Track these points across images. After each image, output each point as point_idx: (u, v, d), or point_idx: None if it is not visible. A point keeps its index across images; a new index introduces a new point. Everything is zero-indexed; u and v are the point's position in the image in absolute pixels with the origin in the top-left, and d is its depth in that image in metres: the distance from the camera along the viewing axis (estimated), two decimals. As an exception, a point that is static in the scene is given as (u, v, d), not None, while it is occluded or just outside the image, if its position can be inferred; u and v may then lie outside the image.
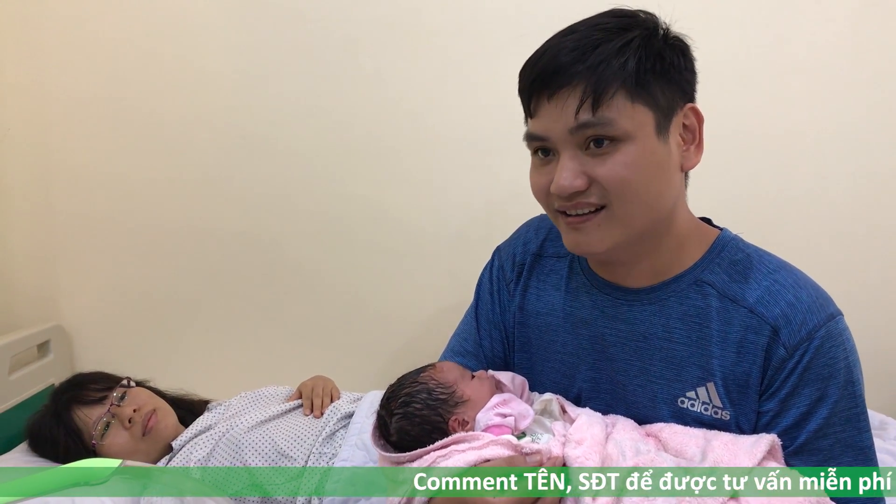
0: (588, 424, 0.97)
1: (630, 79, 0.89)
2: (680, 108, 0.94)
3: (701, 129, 0.96)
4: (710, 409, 0.98)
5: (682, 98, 0.94)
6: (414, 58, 1.85)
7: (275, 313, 1.98)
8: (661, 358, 1.01)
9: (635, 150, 0.90)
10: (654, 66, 0.90)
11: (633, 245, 0.97)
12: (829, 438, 0.94)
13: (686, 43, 0.96)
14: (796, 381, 0.94)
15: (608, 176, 0.91)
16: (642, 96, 0.90)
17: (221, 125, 1.91)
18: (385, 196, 1.90)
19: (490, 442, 0.94)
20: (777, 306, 0.95)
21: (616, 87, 0.89)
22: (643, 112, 0.90)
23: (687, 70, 0.95)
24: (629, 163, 0.90)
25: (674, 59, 0.92)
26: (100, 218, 1.98)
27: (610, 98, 0.89)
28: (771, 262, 1.00)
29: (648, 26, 0.93)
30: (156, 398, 1.61)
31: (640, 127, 0.90)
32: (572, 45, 0.90)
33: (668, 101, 0.92)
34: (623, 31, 0.91)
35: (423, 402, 1.01)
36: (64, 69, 1.92)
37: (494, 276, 1.20)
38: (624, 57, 0.89)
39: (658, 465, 0.91)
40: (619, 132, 0.90)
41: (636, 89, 0.90)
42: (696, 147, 0.96)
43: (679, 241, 1.00)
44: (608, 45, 0.89)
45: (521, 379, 1.10)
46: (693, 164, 0.97)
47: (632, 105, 0.90)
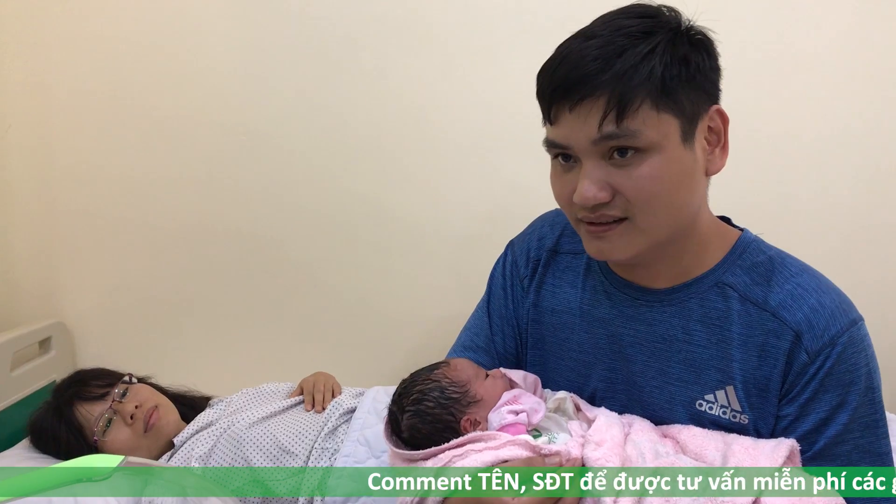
0: (607, 426, 0.95)
1: (656, 87, 0.85)
2: (705, 111, 0.91)
3: (726, 131, 0.93)
4: (728, 412, 0.97)
5: (707, 100, 0.91)
6: (416, 55, 1.84)
7: (276, 310, 1.98)
8: (679, 360, 0.99)
9: (660, 161, 0.88)
10: (679, 72, 0.87)
11: (655, 250, 0.96)
12: (848, 444, 0.93)
13: (710, 39, 0.92)
14: (817, 387, 0.93)
15: (633, 188, 0.89)
16: (668, 104, 0.87)
17: (224, 123, 1.91)
18: (387, 193, 1.90)
19: (507, 442, 0.92)
20: (800, 311, 0.94)
21: (642, 97, 0.85)
22: (669, 121, 0.87)
23: (711, 70, 0.91)
24: (654, 175, 0.88)
25: (699, 61, 0.89)
26: (102, 215, 1.98)
27: (635, 109, 0.85)
28: (794, 266, 0.99)
29: (672, 26, 0.89)
30: (157, 395, 1.61)
31: (665, 136, 0.87)
32: (595, 53, 0.86)
33: (693, 106, 0.89)
34: (647, 35, 0.87)
35: (436, 401, 0.99)
36: (66, 66, 1.92)
37: (508, 271, 1.17)
38: (650, 65, 0.85)
39: (678, 468, 0.90)
40: (644, 143, 0.87)
41: (662, 98, 0.86)
42: (721, 149, 0.93)
43: (701, 242, 0.99)
44: (633, 52, 0.85)
45: (533, 377, 1.08)
46: (719, 167, 0.94)
47: (657, 114, 0.86)
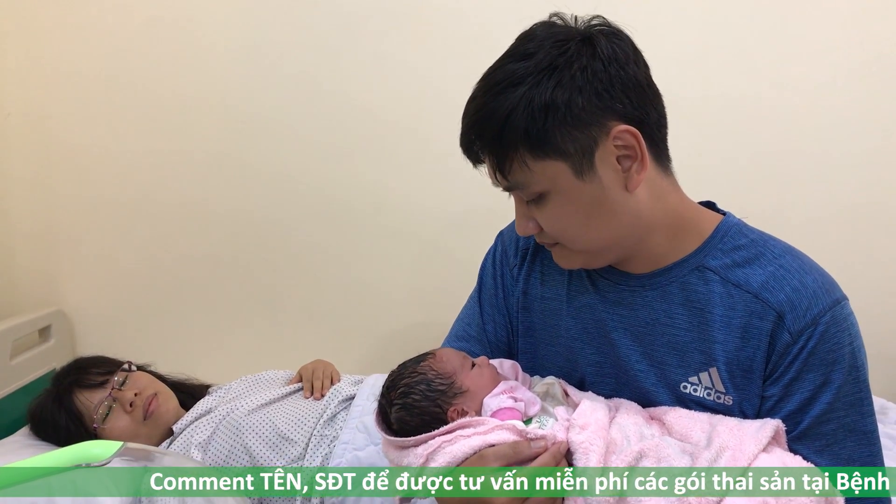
0: (592, 409, 0.96)
1: (526, 140, 0.89)
2: (603, 138, 0.89)
3: (641, 145, 0.90)
4: (712, 393, 0.98)
5: (602, 127, 0.89)
6: (416, 40, 1.84)
7: (276, 297, 1.98)
8: (663, 343, 1.00)
9: (559, 201, 0.92)
10: (545, 122, 0.87)
11: (609, 253, 0.99)
12: (833, 423, 0.93)
13: (618, 51, 0.90)
14: (800, 367, 0.93)
15: (546, 226, 0.96)
16: (545, 152, 0.89)
17: (223, 109, 1.91)
18: (387, 180, 1.90)
19: (495, 427, 0.93)
20: (782, 291, 0.94)
21: (515, 151, 0.90)
22: (553, 165, 0.90)
23: (605, 91, 0.88)
24: (557, 214, 0.94)
25: (571, 98, 0.87)
26: (101, 203, 1.98)
27: (512, 164, 0.91)
28: (776, 247, 0.99)
29: (543, 66, 0.88)
30: (157, 382, 1.62)
31: (554, 179, 0.91)
32: (471, 119, 0.93)
33: (578, 143, 0.89)
34: (514, 86, 0.88)
35: (422, 394, 1.00)
36: (64, 52, 1.92)
37: (497, 260, 1.19)
38: (514, 123, 0.88)
39: (662, 450, 0.91)
40: (537, 189, 0.92)
41: (536, 149, 0.89)
42: (639, 163, 0.91)
43: (672, 231, 0.99)
44: (498, 115, 0.89)
45: (509, 362, 1.09)
46: (640, 180, 0.92)
47: (540, 162, 0.90)
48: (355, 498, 1.35)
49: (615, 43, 0.91)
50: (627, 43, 0.93)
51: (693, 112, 1.78)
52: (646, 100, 0.92)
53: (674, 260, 1.00)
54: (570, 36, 0.90)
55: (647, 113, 0.92)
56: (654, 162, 0.94)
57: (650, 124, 0.93)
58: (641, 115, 0.91)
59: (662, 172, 0.97)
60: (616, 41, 0.91)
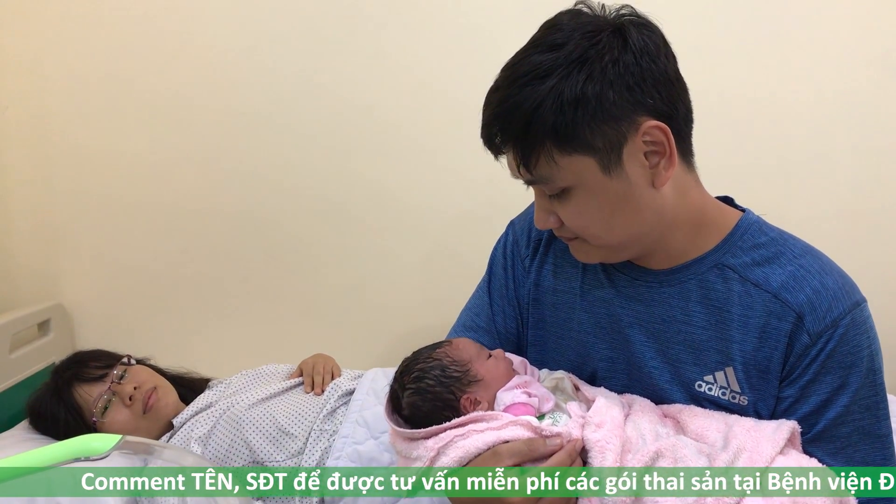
0: (607, 406, 0.95)
1: (553, 135, 0.86)
2: (633, 133, 0.87)
3: (670, 140, 0.89)
4: (727, 393, 0.97)
5: (632, 122, 0.87)
6: (416, 34, 1.83)
7: (275, 291, 1.97)
8: (679, 341, 0.99)
9: (584, 197, 0.90)
10: (575, 116, 0.85)
11: (628, 249, 0.98)
12: (848, 426, 0.93)
13: (649, 43, 0.88)
14: (818, 369, 0.92)
15: (568, 220, 0.94)
16: (573, 147, 0.87)
17: (222, 104, 1.90)
18: (386, 174, 1.89)
19: (509, 423, 0.92)
20: (802, 292, 0.93)
21: (542, 146, 0.87)
22: (580, 160, 0.88)
23: (645, 81, 0.87)
24: (581, 210, 0.92)
25: (602, 91, 0.85)
26: (100, 197, 1.97)
27: (538, 158, 0.88)
28: (796, 247, 0.98)
29: (573, 58, 0.86)
30: (156, 376, 1.62)
31: (580, 175, 0.89)
32: (496, 111, 0.90)
33: (607, 138, 0.87)
34: (542, 79, 0.86)
35: (436, 379, 0.99)
36: (63, 47, 1.91)
37: (509, 250, 1.17)
38: (542, 116, 0.85)
39: (679, 450, 0.89)
40: (562, 184, 0.90)
41: (564, 143, 0.87)
42: (667, 160, 0.90)
43: (692, 228, 0.98)
44: (524, 107, 0.86)
45: (518, 359, 1.08)
46: (668, 177, 0.91)
47: (567, 157, 0.87)
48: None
49: (646, 34, 0.89)
50: (658, 34, 0.91)
51: (695, 107, 1.77)
52: (675, 94, 0.91)
53: (693, 256, 0.99)
54: (600, 26, 0.88)
55: (675, 108, 0.90)
56: (680, 157, 0.93)
57: (678, 119, 0.91)
58: (671, 111, 0.89)
59: (687, 168, 0.96)
60: (647, 32, 0.89)
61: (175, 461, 1.00)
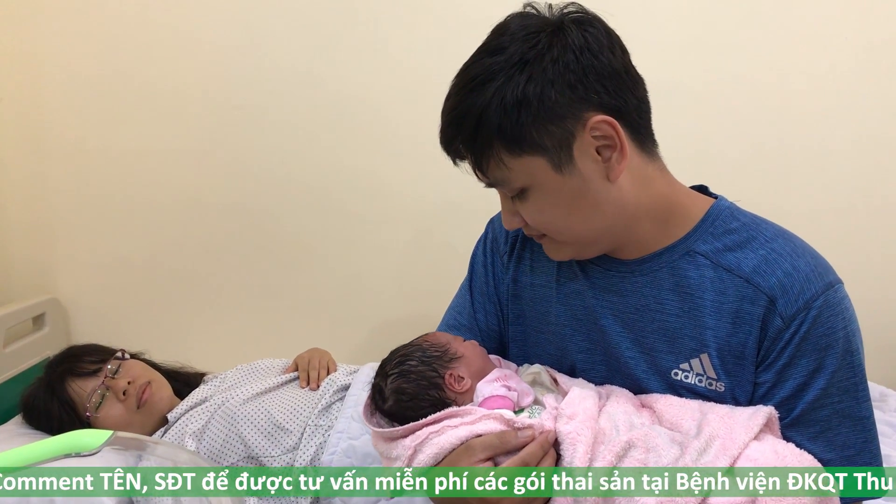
0: (580, 398, 0.95)
1: (500, 137, 0.88)
2: (580, 130, 0.88)
3: (619, 133, 0.88)
4: (704, 380, 0.97)
5: (578, 119, 0.87)
6: (412, 27, 1.82)
7: (271, 286, 1.97)
8: (653, 330, 0.99)
9: (541, 196, 0.92)
10: (519, 118, 0.86)
11: (599, 242, 0.98)
12: (827, 409, 0.92)
13: (591, 39, 0.88)
14: (793, 352, 0.92)
15: (530, 220, 0.96)
16: (522, 147, 0.88)
17: (216, 97, 1.90)
18: (382, 167, 1.89)
19: (482, 416, 0.93)
20: (773, 276, 0.93)
21: (491, 149, 0.89)
22: (530, 161, 0.89)
23: (588, 77, 0.87)
24: (539, 209, 0.93)
25: (543, 91, 0.86)
26: (95, 191, 1.97)
27: (489, 161, 0.90)
28: (768, 230, 0.98)
29: (515, 60, 0.87)
30: (150, 370, 1.61)
31: (533, 175, 0.90)
32: (448, 117, 0.92)
33: (554, 137, 0.88)
34: (485, 84, 0.87)
35: (419, 359, 1.01)
36: (57, 40, 1.90)
37: (488, 248, 1.18)
38: (488, 120, 0.87)
39: (652, 439, 0.89)
40: (517, 185, 0.92)
41: (513, 145, 0.88)
42: (619, 153, 0.90)
43: (660, 217, 0.98)
44: (473, 110, 0.88)
45: (494, 357, 1.10)
46: (621, 169, 0.91)
47: (517, 158, 0.89)
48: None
49: (587, 31, 0.89)
50: (601, 29, 0.90)
51: (692, 99, 1.76)
52: (623, 87, 0.90)
53: (664, 245, 0.99)
54: (541, 27, 0.89)
55: (624, 100, 0.90)
56: (637, 149, 0.93)
57: (629, 111, 0.91)
58: (619, 104, 0.89)
59: (647, 158, 0.95)
60: (588, 28, 0.89)
61: (168, 457, 1.00)
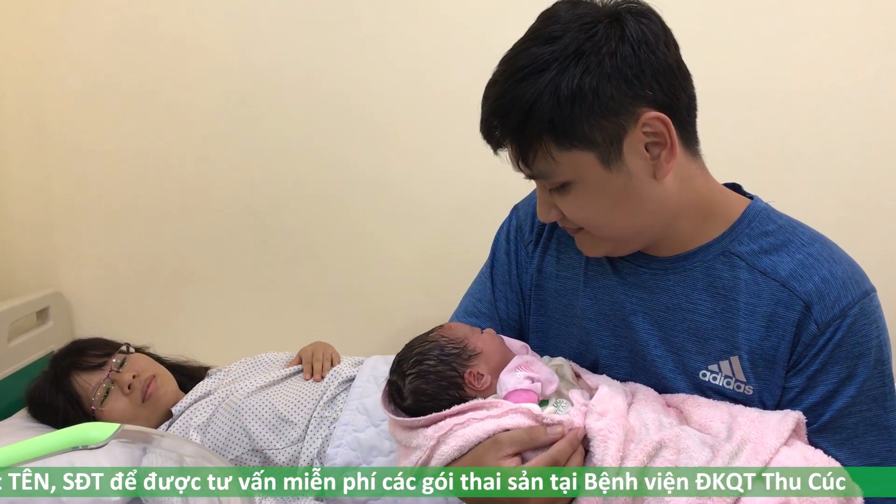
0: (611, 395, 0.93)
1: (551, 130, 0.85)
2: (632, 125, 0.86)
3: (671, 131, 0.87)
4: (732, 382, 0.96)
5: (631, 115, 0.86)
6: (414, 26, 1.82)
7: (274, 279, 1.97)
8: (683, 329, 0.98)
9: (584, 191, 0.90)
10: (572, 110, 0.84)
11: (633, 241, 0.97)
12: (855, 417, 0.92)
13: (648, 33, 0.86)
14: (826, 359, 0.91)
15: (570, 214, 0.94)
16: (571, 142, 0.86)
17: (219, 94, 1.89)
18: (384, 162, 1.89)
19: (510, 410, 0.91)
20: (811, 281, 0.92)
21: (540, 141, 0.87)
22: (579, 155, 0.87)
23: (644, 72, 0.85)
24: (582, 204, 0.91)
25: (599, 85, 0.83)
26: (99, 185, 1.97)
27: (536, 153, 0.88)
28: (805, 234, 0.97)
29: (570, 51, 0.84)
30: (155, 364, 1.61)
31: (580, 170, 0.88)
32: (492, 106, 0.89)
33: (606, 132, 0.86)
34: (539, 73, 0.84)
35: (437, 359, 0.98)
36: (59, 38, 1.90)
37: (512, 235, 1.15)
38: (539, 112, 0.84)
39: (683, 440, 0.88)
40: (561, 179, 0.90)
41: (562, 138, 0.86)
42: (669, 151, 0.88)
43: (698, 216, 0.97)
44: (523, 100, 0.85)
45: (519, 343, 1.07)
46: (669, 168, 0.89)
47: (565, 152, 0.87)
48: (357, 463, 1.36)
49: (644, 24, 0.86)
50: (657, 23, 0.88)
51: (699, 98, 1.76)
52: (676, 83, 0.88)
53: (699, 244, 0.98)
54: (596, 17, 0.86)
55: (677, 97, 0.88)
56: (682, 147, 0.91)
57: (680, 109, 0.89)
58: (671, 101, 0.88)
59: (691, 156, 0.94)
60: (645, 21, 0.87)
61: (173, 450, 1.00)
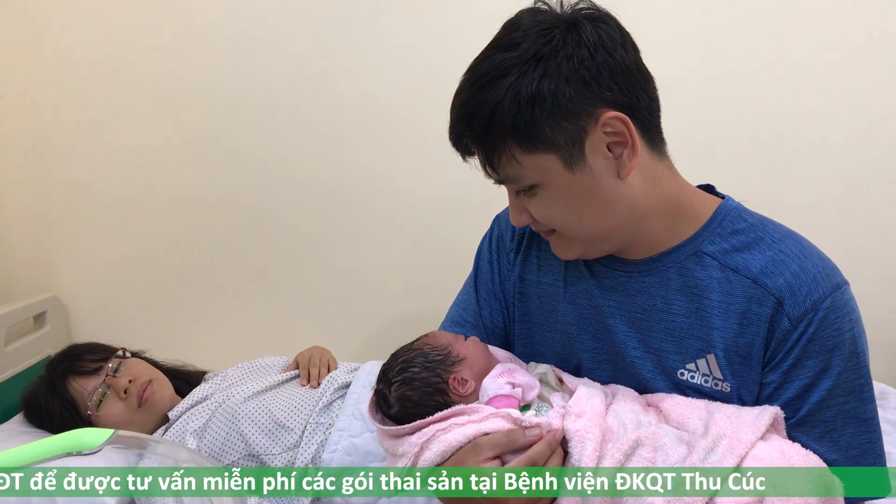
0: (588, 396, 0.95)
1: (514, 134, 0.88)
2: (592, 126, 0.88)
3: (631, 130, 0.89)
4: (710, 380, 0.97)
5: (591, 116, 0.87)
6: (412, 21, 1.82)
7: (272, 283, 1.97)
8: (660, 329, 0.99)
9: (551, 193, 0.92)
10: (533, 114, 0.86)
11: (607, 241, 0.98)
12: (832, 410, 0.93)
13: (604, 36, 0.88)
14: (800, 353, 0.92)
15: (539, 216, 0.96)
16: (534, 145, 0.88)
17: (216, 94, 1.89)
18: (384, 164, 1.89)
19: (490, 415, 0.93)
20: (781, 277, 0.93)
21: (504, 145, 0.89)
22: (543, 158, 0.89)
23: (602, 74, 0.87)
24: (548, 206, 0.93)
25: (557, 88, 0.85)
26: (96, 188, 1.97)
27: (501, 158, 0.90)
28: (776, 231, 0.98)
29: (528, 56, 0.86)
30: (151, 369, 1.61)
31: (545, 172, 0.90)
32: (458, 113, 0.92)
33: (567, 134, 0.88)
34: (499, 79, 0.87)
35: (421, 366, 1.01)
36: (58, 35, 1.90)
37: (494, 244, 1.17)
38: (501, 116, 0.87)
39: (659, 438, 0.90)
40: (527, 182, 0.92)
41: (525, 142, 0.88)
42: (630, 150, 0.90)
43: (668, 216, 0.98)
44: (485, 105, 0.88)
45: (503, 352, 1.10)
46: (632, 167, 0.91)
47: (529, 156, 0.89)
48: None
49: (601, 28, 0.89)
50: (614, 26, 0.91)
51: (691, 93, 1.76)
52: (635, 84, 0.90)
53: (671, 245, 0.99)
54: (555, 23, 0.89)
55: (636, 98, 0.90)
56: (646, 147, 0.93)
57: (640, 109, 0.91)
58: (631, 101, 0.89)
59: (657, 156, 0.96)
60: (602, 25, 0.89)
61: (168, 456, 1.00)
